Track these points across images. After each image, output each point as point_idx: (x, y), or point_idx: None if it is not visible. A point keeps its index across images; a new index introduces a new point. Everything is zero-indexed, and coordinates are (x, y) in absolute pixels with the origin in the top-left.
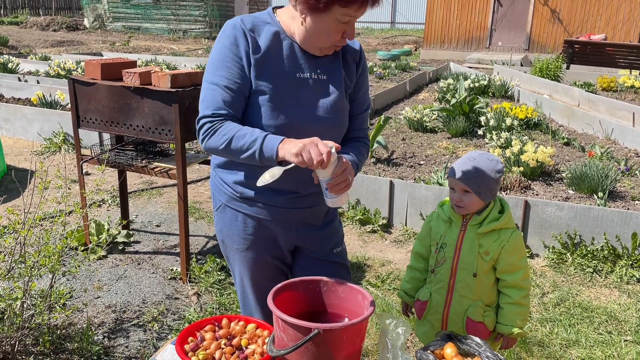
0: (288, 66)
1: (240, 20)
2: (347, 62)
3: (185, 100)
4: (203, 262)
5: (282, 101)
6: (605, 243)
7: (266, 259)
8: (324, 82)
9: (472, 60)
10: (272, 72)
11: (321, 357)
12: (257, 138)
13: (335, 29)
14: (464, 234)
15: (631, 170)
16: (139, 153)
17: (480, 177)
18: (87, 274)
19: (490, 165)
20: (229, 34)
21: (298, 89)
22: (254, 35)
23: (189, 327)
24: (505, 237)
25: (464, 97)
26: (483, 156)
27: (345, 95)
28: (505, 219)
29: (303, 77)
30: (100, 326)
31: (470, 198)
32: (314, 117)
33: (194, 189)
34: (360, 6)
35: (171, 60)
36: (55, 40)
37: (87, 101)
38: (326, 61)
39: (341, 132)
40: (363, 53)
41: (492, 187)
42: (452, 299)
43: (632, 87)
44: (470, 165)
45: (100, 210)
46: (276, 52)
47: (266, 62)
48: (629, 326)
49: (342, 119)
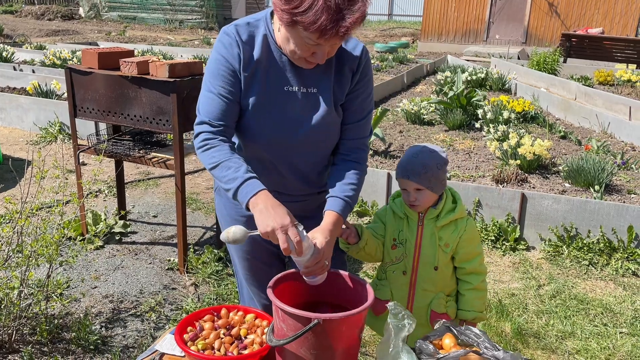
0: (277, 79)
1: (235, 30)
2: (341, 73)
3: (183, 90)
4: (200, 253)
5: (269, 115)
6: (601, 236)
7: (259, 241)
8: (313, 95)
9: (469, 53)
10: (260, 86)
11: (320, 347)
12: (237, 178)
13: (304, 46)
14: (422, 229)
15: (627, 164)
16: (136, 143)
17: (429, 172)
18: (84, 264)
19: (435, 157)
20: (224, 44)
21: (286, 103)
22: (248, 46)
23: (188, 317)
24: (462, 226)
25: (461, 90)
26: (425, 149)
27: (336, 108)
28: (459, 209)
29: (291, 90)
30: (98, 316)
31: (423, 195)
32: (302, 131)
33: (191, 180)
34: (320, 36)
35: (167, 51)
36: (50, 29)
37: (84, 90)
38: (317, 73)
39: (330, 146)
40: (365, 59)
41: (442, 178)
42: (415, 294)
43: (628, 81)
44: (416, 162)
45: (97, 201)
46: (266, 64)
47: (255, 75)
48: (624, 318)
49: (331, 133)
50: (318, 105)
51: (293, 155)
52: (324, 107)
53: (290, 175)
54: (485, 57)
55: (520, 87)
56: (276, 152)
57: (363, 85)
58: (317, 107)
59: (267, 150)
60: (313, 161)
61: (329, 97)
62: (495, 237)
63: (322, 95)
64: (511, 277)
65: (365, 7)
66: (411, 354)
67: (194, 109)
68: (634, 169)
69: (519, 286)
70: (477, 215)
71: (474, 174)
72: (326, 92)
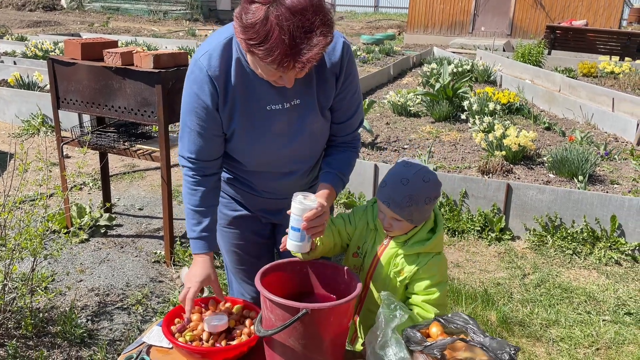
0: (257, 100)
1: (207, 63)
2: (323, 79)
3: (168, 81)
4: (187, 246)
5: (255, 137)
6: (585, 225)
7: (247, 235)
8: (297, 107)
9: (455, 45)
10: (241, 111)
11: (309, 336)
12: (193, 232)
13: (268, 72)
14: (385, 248)
15: (610, 154)
16: (121, 135)
17: (413, 205)
18: (69, 257)
19: (426, 189)
20: (196, 80)
21: (270, 122)
22: (223, 75)
23: (176, 309)
24: (423, 260)
25: (447, 81)
26: (418, 177)
27: (322, 113)
28: (431, 244)
29: (275, 108)
30: (84, 309)
31: (400, 225)
32: (290, 144)
33: (177, 172)
34: (278, 68)
35: (152, 42)
36: (31, 20)
37: (67, 82)
38: (298, 84)
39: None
40: (347, 58)
41: (426, 212)
42: (361, 311)
43: (611, 72)
44: (402, 192)
45: (82, 194)
46: (244, 88)
47: (235, 103)
48: (607, 306)
49: (319, 141)
50: (304, 116)
51: (285, 165)
52: (309, 116)
53: (285, 181)
54: (470, 49)
55: (506, 79)
56: (268, 166)
57: (349, 85)
58: (303, 117)
59: (258, 167)
60: (306, 165)
61: (313, 106)
62: (481, 227)
63: (306, 105)
64: (496, 267)
65: (325, 40)
66: (400, 343)
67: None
68: (617, 160)
69: (504, 275)
70: (463, 206)
71: (460, 165)
72: (310, 101)
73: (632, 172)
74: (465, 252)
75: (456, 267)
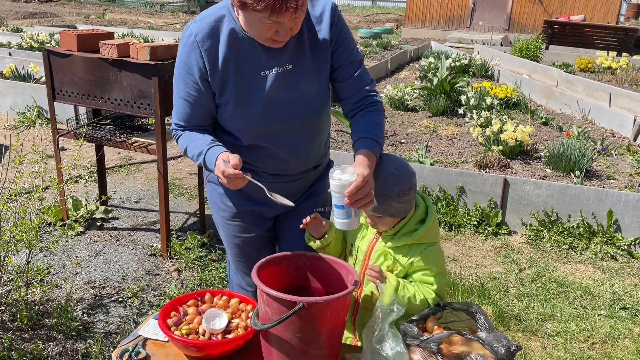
0: (250, 67)
1: (196, 30)
2: (315, 42)
3: (164, 73)
4: (184, 239)
5: (250, 103)
6: (581, 220)
7: (250, 228)
8: (290, 72)
9: (453, 39)
10: (234, 80)
11: (305, 330)
12: (201, 152)
13: (264, 27)
14: (375, 243)
15: (607, 149)
16: (117, 127)
17: (387, 201)
18: (65, 250)
19: (397, 183)
20: (184, 48)
21: (264, 88)
22: (211, 43)
23: (172, 302)
24: (416, 252)
25: (445, 76)
26: (388, 172)
27: (318, 78)
28: (419, 234)
29: (267, 73)
30: (79, 302)
31: (383, 221)
32: (286, 111)
33: (173, 165)
34: (272, 14)
35: (148, 34)
36: (27, 11)
37: (62, 73)
38: (290, 49)
39: (324, 121)
40: (335, 18)
41: (405, 204)
42: (358, 310)
43: (609, 68)
44: (374, 189)
45: (78, 186)
46: (236, 55)
47: (227, 71)
48: (602, 301)
49: (316, 105)
50: (297, 81)
51: (287, 136)
52: (303, 81)
53: (290, 157)
54: (468, 43)
55: (503, 74)
56: (269, 137)
57: (343, 41)
58: (296, 83)
59: (259, 139)
60: (309, 137)
61: (307, 70)
62: (477, 222)
63: (299, 69)
64: (493, 261)
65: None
66: (397, 337)
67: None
68: (614, 155)
69: (500, 270)
70: (460, 201)
71: (457, 159)
72: (302, 66)
73: (628, 167)
74: (461, 246)
75: (453, 261)
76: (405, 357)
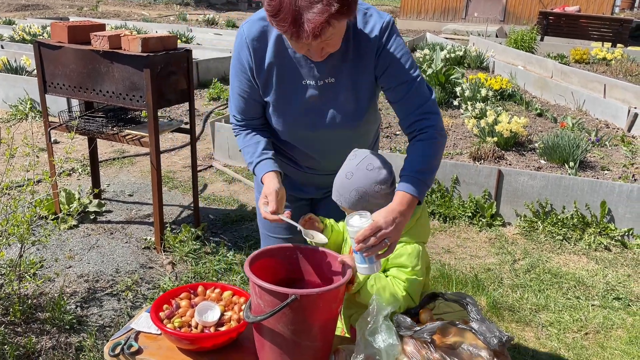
0: (293, 74)
1: (245, 31)
2: (360, 57)
3: (157, 65)
4: (178, 232)
5: (289, 110)
6: (575, 211)
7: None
8: (332, 85)
9: (448, 30)
10: (277, 84)
11: (298, 322)
12: (252, 162)
13: (294, 45)
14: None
15: (601, 140)
16: (110, 120)
17: (364, 198)
18: (58, 243)
19: (371, 177)
20: (237, 46)
21: (304, 96)
22: (259, 44)
23: (164, 295)
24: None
25: (440, 67)
26: (361, 167)
27: (359, 95)
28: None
29: (309, 83)
30: (73, 296)
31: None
32: (324, 122)
33: (167, 158)
34: (294, 40)
35: (142, 26)
36: (19, 4)
37: (54, 66)
38: (334, 63)
39: (360, 134)
40: (386, 35)
41: (384, 198)
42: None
43: (603, 59)
44: (348, 186)
45: (70, 179)
46: (281, 60)
47: (270, 75)
48: (596, 291)
49: (354, 120)
50: (337, 95)
51: (322, 143)
52: (343, 96)
53: (323, 160)
54: (463, 35)
55: (498, 65)
56: (304, 142)
57: (395, 58)
58: (336, 97)
59: (294, 141)
60: (344, 147)
61: (347, 85)
62: (472, 213)
63: (341, 84)
64: (487, 253)
65: (329, 10)
66: (391, 329)
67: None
68: (608, 146)
69: (494, 261)
70: (454, 192)
71: (452, 151)
72: (345, 81)
73: (622, 158)
74: (456, 237)
75: (447, 253)
76: (397, 349)
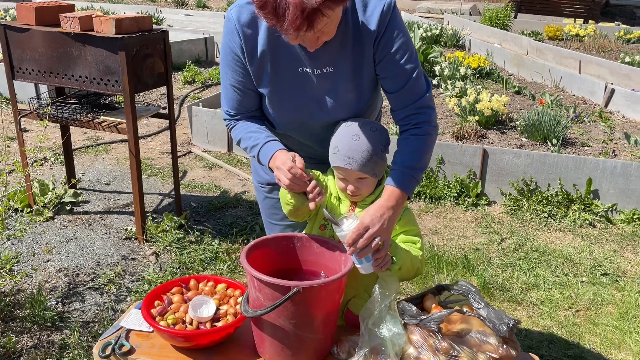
0: (289, 62)
1: (235, 17)
2: (360, 44)
3: (132, 48)
4: (159, 221)
5: (287, 98)
6: (559, 188)
7: None
8: (329, 75)
9: (422, 9)
10: (272, 72)
11: (300, 315)
12: (257, 145)
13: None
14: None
15: (580, 117)
16: (84, 106)
17: (373, 157)
18: (34, 237)
19: (378, 138)
20: (227, 34)
21: (302, 84)
22: (250, 30)
23: (155, 290)
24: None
25: (418, 46)
26: (366, 128)
27: (359, 84)
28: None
29: (306, 71)
30: (53, 291)
31: (365, 183)
32: (322, 112)
33: (144, 145)
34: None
35: (109, 8)
36: None
37: (21, 50)
38: (332, 51)
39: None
40: (386, 21)
41: (385, 161)
42: None
43: (577, 35)
44: (359, 147)
45: (43, 169)
46: (275, 48)
47: (264, 64)
48: (583, 268)
49: (354, 109)
50: (336, 84)
51: (320, 133)
52: (342, 85)
53: (323, 149)
54: (438, 13)
55: (474, 43)
56: (302, 131)
57: (394, 47)
58: (335, 86)
59: (292, 131)
60: None
61: (347, 75)
62: (457, 193)
63: (339, 73)
64: (474, 232)
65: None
66: (396, 319)
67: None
68: (586, 122)
69: (482, 241)
70: (439, 172)
71: None
72: (344, 70)
73: (601, 134)
74: (442, 218)
75: (435, 234)
76: (403, 338)
